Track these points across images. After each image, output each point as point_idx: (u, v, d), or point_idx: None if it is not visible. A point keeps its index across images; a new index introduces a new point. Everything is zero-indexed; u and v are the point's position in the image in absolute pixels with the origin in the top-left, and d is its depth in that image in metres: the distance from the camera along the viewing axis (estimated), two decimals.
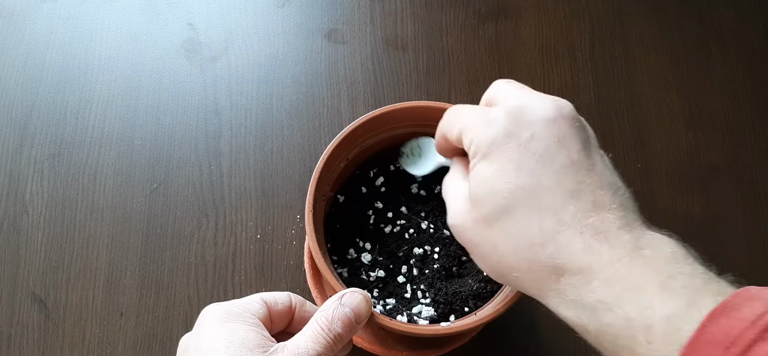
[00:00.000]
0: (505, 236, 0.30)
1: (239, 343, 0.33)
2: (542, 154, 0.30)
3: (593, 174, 0.30)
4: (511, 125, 0.31)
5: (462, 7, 0.69)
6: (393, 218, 0.50)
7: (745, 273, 0.59)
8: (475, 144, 0.32)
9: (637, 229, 0.29)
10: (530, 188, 0.30)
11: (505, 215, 0.30)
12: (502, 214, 0.30)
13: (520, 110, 0.31)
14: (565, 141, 0.30)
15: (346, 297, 0.37)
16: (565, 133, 0.31)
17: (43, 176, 0.59)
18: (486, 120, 0.32)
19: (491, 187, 0.31)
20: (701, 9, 0.69)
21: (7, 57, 0.65)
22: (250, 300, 0.37)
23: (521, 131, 0.31)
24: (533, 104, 0.32)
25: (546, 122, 0.31)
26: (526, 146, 0.30)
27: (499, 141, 0.31)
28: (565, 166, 0.30)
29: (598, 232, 0.28)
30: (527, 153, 0.30)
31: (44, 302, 0.55)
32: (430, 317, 0.45)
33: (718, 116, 0.64)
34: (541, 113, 0.31)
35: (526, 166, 0.30)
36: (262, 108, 0.63)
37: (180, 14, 0.67)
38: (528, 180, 0.30)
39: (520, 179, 0.30)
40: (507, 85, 0.34)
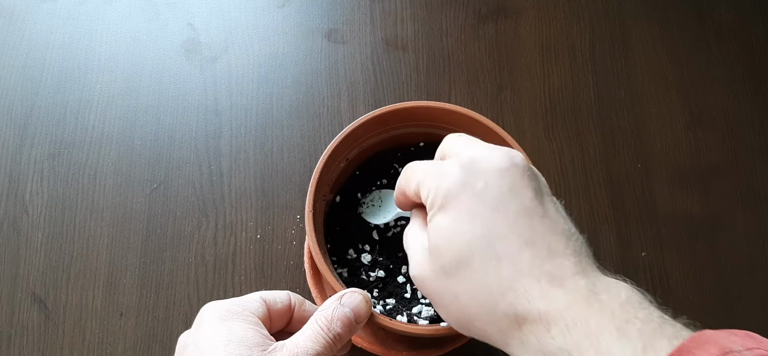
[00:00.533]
0: (464, 286, 0.31)
1: (238, 341, 0.33)
2: (496, 203, 0.31)
3: (546, 221, 0.31)
4: (464, 176, 0.32)
5: (462, 7, 0.69)
6: None
7: (745, 273, 0.60)
8: (432, 196, 0.32)
9: (592, 274, 0.30)
10: (486, 237, 0.30)
11: (463, 265, 0.31)
12: (461, 264, 0.31)
13: (473, 161, 0.32)
14: (517, 189, 0.31)
15: (346, 297, 0.37)
16: (517, 181, 0.31)
17: (43, 176, 0.59)
18: (441, 172, 0.33)
19: (448, 237, 0.31)
20: (701, 9, 0.69)
21: (7, 57, 0.65)
22: (250, 298, 0.37)
23: (475, 181, 0.31)
24: (486, 155, 0.33)
25: (498, 172, 0.31)
26: (480, 196, 0.31)
27: (454, 192, 0.31)
28: (519, 213, 0.30)
29: (555, 278, 0.29)
30: (481, 203, 0.31)
31: (44, 302, 0.55)
32: (430, 317, 0.45)
33: (718, 116, 0.64)
34: (493, 163, 0.32)
35: (481, 215, 0.31)
36: (262, 108, 0.63)
37: (180, 14, 0.67)
38: (483, 229, 0.30)
39: (475, 229, 0.30)
40: (459, 138, 0.36)
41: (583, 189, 0.60)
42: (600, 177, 0.61)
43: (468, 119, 0.49)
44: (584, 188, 0.60)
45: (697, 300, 0.57)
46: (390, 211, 0.47)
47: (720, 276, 0.58)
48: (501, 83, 0.65)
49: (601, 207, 0.60)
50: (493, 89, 0.64)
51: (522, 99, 0.64)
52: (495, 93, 0.64)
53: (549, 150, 0.62)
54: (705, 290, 0.57)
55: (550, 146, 0.62)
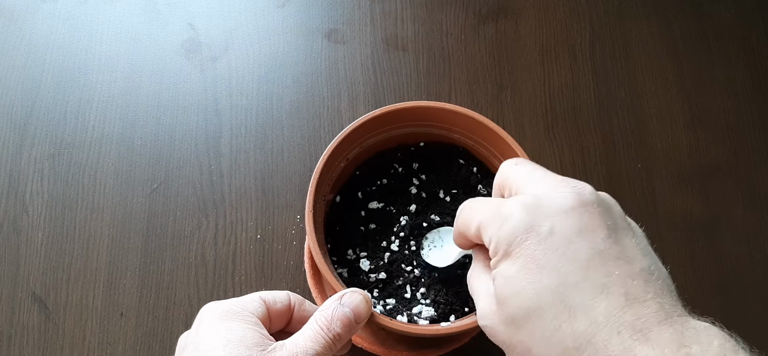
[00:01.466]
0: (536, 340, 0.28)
1: (237, 341, 0.33)
2: (565, 248, 0.28)
3: (622, 262, 0.28)
4: (528, 220, 0.29)
5: (462, 7, 0.69)
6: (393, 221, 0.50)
7: (745, 273, 0.60)
8: (495, 243, 0.30)
9: (678, 321, 0.27)
10: (556, 287, 0.28)
11: (533, 317, 0.28)
12: (531, 316, 0.28)
13: (536, 202, 0.30)
14: (587, 230, 0.28)
15: (346, 297, 0.37)
16: (586, 221, 0.29)
17: (43, 176, 0.59)
18: (502, 216, 0.30)
19: (515, 287, 0.29)
20: (701, 9, 0.69)
21: (7, 57, 0.65)
22: (249, 298, 0.37)
23: (540, 226, 0.29)
24: (550, 193, 0.30)
25: (565, 212, 0.29)
26: (546, 242, 0.28)
27: (518, 238, 0.29)
28: (591, 257, 0.28)
29: (637, 331, 0.26)
30: (549, 249, 0.28)
31: (44, 302, 0.55)
32: (430, 317, 0.45)
33: (718, 116, 0.64)
34: (559, 203, 0.29)
35: (549, 263, 0.28)
36: (262, 108, 0.63)
37: (180, 14, 0.67)
38: (552, 278, 0.28)
39: (544, 278, 0.28)
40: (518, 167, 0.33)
41: None
42: (600, 177, 0.61)
43: (468, 119, 0.49)
44: None
45: (697, 299, 0.57)
46: (452, 250, 0.44)
47: (720, 276, 0.58)
48: (501, 83, 0.65)
49: None
50: (493, 89, 0.64)
51: (522, 99, 0.64)
52: (495, 93, 0.64)
53: (549, 150, 0.62)
54: (705, 290, 0.57)
55: (551, 146, 0.62)
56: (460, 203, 0.50)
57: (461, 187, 0.51)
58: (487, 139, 0.49)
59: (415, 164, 0.52)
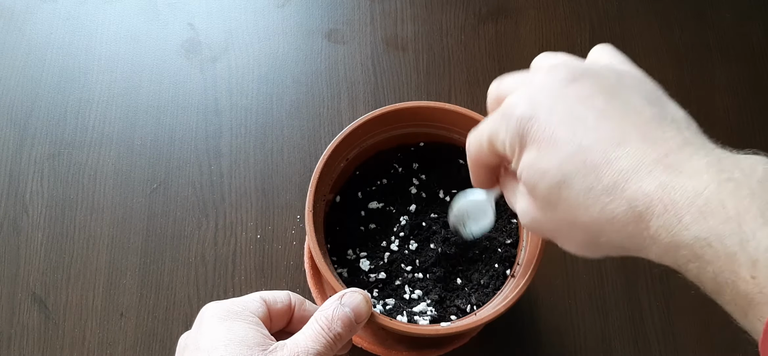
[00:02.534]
0: (575, 210, 0.29)
1: (238, 341, 0.33)
2: (570, 118, 0.29)
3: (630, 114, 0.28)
4: (530, 106, 0.30)
5: (462, 7, 0.69)
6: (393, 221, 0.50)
7: None
8: (508, 143, 0.31)
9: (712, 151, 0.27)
10: (574, 154, 0.28)
11: (564, 190, 0.29)
12: (561, 190, 0.29)
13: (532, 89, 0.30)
14: (586, 99, 0.29)
15: (347, 297, 0.37)
16: (584, 93, 0.29)
17: (43, 176, 0.59)
18: (504, 116, 0.31)
19: (539, 171, 0.29)
20: (701, 9, 0.69)
21: (7, 57, 0.65)
22: (250, 298, 0.37)
23: (540, 109, 0.29)
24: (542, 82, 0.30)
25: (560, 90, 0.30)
26: (550, 119, 0.29)
27: (524, 127, 0.30)
28: (597, 118, 0.28)
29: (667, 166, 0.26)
30: (556, 124, 0.29)
31: (44, 302, 0.55)
32: (430, 317, 0.45)
33: (718, 116, 0.64)
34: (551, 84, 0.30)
35: (561, 136, 0.28)
36: (262, 108, 0.63)
37: (180, 14, 0.67)
38: (568, 147, 0.28)
39: (560, 151, 0.28)
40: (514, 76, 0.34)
41: None
42: None
43: (468, 119, 0.49)
44: None
45: (697, 299, 0.57)
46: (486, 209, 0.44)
47: None
48: None
49: None
50: None
51: None
52: None
53: None
54: None
55: None
56: None
57: (461, 187, 0.51)
58: None
59: (415, 164, 0.52)
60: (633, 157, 0.27)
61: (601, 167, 0.27)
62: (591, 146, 0.28)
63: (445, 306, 0.46)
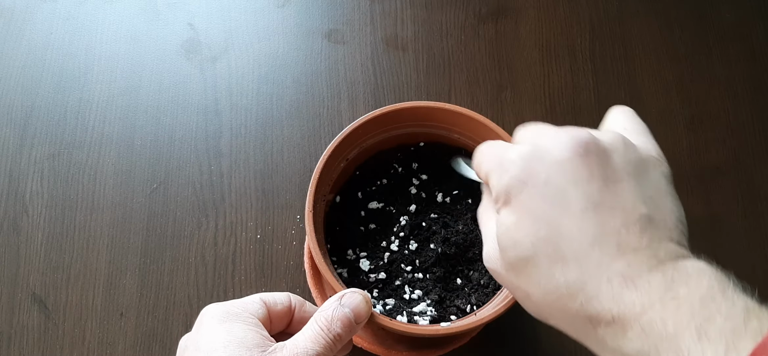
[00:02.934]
0: (533, 287, 0.30)
1: (238, 343, 0.33)
2: (560, 199, 0.29)
3: (617, 212, 0.28)
4: (524, 171, 0.30)
5: (462, 7, 0.69)
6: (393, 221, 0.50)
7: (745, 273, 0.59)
8: (496, 191, 0.31)
9: (670, 266, 0.27)
10: (550, 239, 0.28)
11: (530, 267, 0.29)
12: (527, 265, 0.29)
13: (534, 151, 0.30)
14: (582, 181, 0.29)
15: (346, 298, 0.37)
16: (581, 172, 0.29)
17: (43, 176, 0.59)
18: (502, 167, 0.31)
19: (513, 237, 0.30)
20: (701, 9, 0.69)
21: (7, 57, 0.65)
22: (250, 300, 0.37)
23: (535, 177, 0.29)
24: (546, 144, 0.30)
25: (560, 164, 0.29)
26: (541, 192, 0.29)
27: (515, 188, 0.30)
28: (585, 209, 0.28)
29: (627, 278, 0.27)
30: (544, 199, 0.29)
31: (44, 302, 0.55)
32: (430, 317, 0.45)
33: (718, 116, 0.64)
34: (554, 154, 0.29)
35: (544, 215, 0.29)
36: (262, 108, 0.63)
37: (180, 14, 0.67)
38: (547, 229, 0.29)
39: (539, 229, 0.29)
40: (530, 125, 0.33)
41: None
42: None
43: (468, 119, 0.49)
44: None
45: None
46: None
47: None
48: (501, 83, 0.65)
49: None
50: (493, 89, 0.64)
51: (522, 99, 0.64)
52: (495, 93, 0.64)
53: None
54: None
55: None
56: (459, 203, 0.50)
57: (461, 187, 0.51)
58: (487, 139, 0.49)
59: (415, 164, 0.52)
60: (600, 263, 0.27)
61: (569, 263, 0.28)
62: (567, 237, 0.28)
63: (445, 306, 0.46)
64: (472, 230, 0.49)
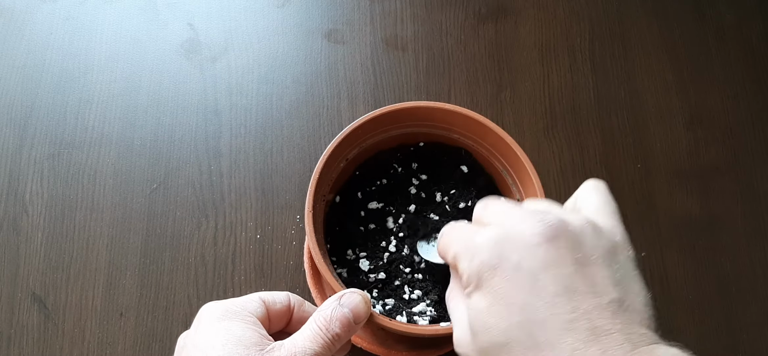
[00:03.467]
0: None
1: (236, 341, 0.33)
2: (532, 284, 0.28)
3: (589, 296, 0.28)
4: (495, 256, 0.29)
5: (462, 7, 0.69)
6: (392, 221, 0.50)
7: (745, 272, 0.59)
8: (466, 275, 0.31)
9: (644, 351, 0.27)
10: (523, 324, 0.28)
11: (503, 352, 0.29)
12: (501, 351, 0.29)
13: (504, 235, 0.30)
14: (554, 265, 0.28)
15: (345, 298, 0.37)
16: (552, 255, 0.29)
17: (43, 176, 0.59)
18: (471, 251, 0.31)
19: (485, 322, 0.30)
20: (701, 9, 0.69)
21: (7, 57, 0.65)
22: (249, 298, 0.37)
23: (506, 261, 0.29)
24: (516, 228, 0.30)
25: (532, 247, 0.29)
26: (513, 277, 0.29)
27: (486, 273, 0.30)
28: (557, 293, 0.28)
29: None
30: (516, 285, 0.29)
31: (44, 302, 0.55)
32: (430, 317, 0.45)
33: (718, 116, 0.64)
34: (526, 237, 0.29)
35: (517, 300, 0.28)
36: (262, 108, 0.63)
37: (180, 14, 0.67)
38: (520, 315, 0.28)
39: (512, 315, 0.28)
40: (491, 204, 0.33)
41: None
42: (600, 177, 0.61)
43: (468, 119, 0.49)
44: None
45: (697, 299, 0.57)
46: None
47: (720, 276, 0.58)
48: (501, 83, 0.65)
49: None
50: (493, 89, 0.64)
51: (522, 99, 0.64)
52: (495, 93, 0.64)
53: (549, 150, 0.62)
54: (705, 290, 0.57)
55: (550, 146, 0.62)
56: (459, 203, 0.50)
57: (460, 187, 0.51)
58: (486, 139, 0.49)
59: (415, 164, 0.52)
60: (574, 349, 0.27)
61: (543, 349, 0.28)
62: (542, 322, 0.28)
63: (445, 306, 0.46)
64: None
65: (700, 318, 0.56)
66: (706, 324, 0.56)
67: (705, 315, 0.56)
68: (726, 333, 0.56)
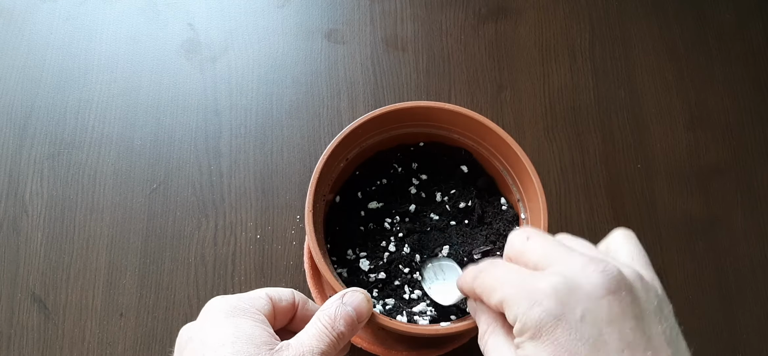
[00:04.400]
0: None
1: (246, 339, 0.33)
2: (595, 339, 0.28)
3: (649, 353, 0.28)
4: (558, 307, 0.29)
5: (462, 7, 0.69)
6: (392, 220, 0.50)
7: (745, 273, 0.59)
8: (521, 323, 0.30)
9: None
10: None
11: None
12: None
13: (567, 286, 0.29)
14: (617, 320, 0.28)
15: (348, 296, 0.37)
16: (616, 310, 0.28)
17: (43, 176, 0.59)
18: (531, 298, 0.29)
19: None
20: (701, 9, 0.69)
21: (7, 57, 0.65)
22: (256, 295, 0.36)
23: (570, 313, 0.29)
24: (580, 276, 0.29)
25: (596, 300, 0.29)
26: (577, 331, 0.28)
27: (548, 324, 0.29)
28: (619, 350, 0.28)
29: None
30: (579, 339, 0.28)
31: (44, 302, 0.55)
32: (430, 317, 0.45)
33: (718, 116, 0.64)
34: (590, 289, 0.29)
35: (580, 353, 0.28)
36: (262, 108, 0.63)
37: (180, 14, 0.67)
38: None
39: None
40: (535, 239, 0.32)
41: (583, 189, 0.60)
42: (600, 177, 0.61)
43: (468, 119, 0.49)
44: (584, 188, 0.60)
45: (697, 300, 0.57)
46: (456, 290, 0.43)
47: (720, 276, 0.58)
48: (501, 83, 0.65)
49: (601, 207, 0.60)
50: (493, 89, 0.64)
51: (522, 99, 0.64)
52: (495, 93, 0.64)
53: (549, 150, 0.62)
54: (705, 290, 0.57)
55: (550, 146, 0.62)
56: (459, 203, 0.50)
57: (460, 187, 0.51)
58: (486, 139, 0.49)
59: (415, 164, 0.52)
60: None
61: None
62: None
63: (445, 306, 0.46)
64: (472, 232, 0.49)
65: (700, 318, 0.56)
66: (706, 324, 0.56)
67: (705, 315, 0.56)
68: (726, 333, 0.56)
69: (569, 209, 0.59)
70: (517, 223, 0.49)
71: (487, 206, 0.51)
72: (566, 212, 0.59)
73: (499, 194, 0.51)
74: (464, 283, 0.35)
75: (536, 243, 0.32)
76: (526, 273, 0.31)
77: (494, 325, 0.34)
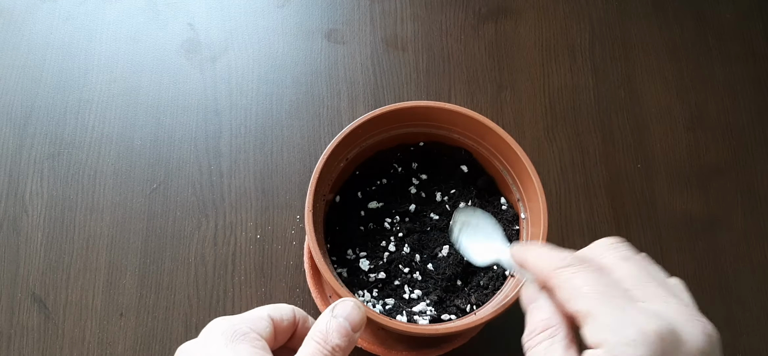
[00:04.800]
0: None
1: None
2: None
3: None
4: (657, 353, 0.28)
5: (462, 7, 0.69)
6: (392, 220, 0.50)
7: (745, 273, 0.59)
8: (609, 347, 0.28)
9: None
10: None
11: None
12: None
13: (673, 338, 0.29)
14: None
15: (337, 308, 0.36)
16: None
17: (43, 176, 0.59)
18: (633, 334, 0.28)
19: None
20: (701, 9, 0.69)
21: (7, 57, 0.65)
22: (257, 317, 0.36)
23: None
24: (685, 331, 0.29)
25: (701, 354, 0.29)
26: None
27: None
28: None
29: None
30: None
31: (44, 302, 0.55)
32: (429, 316, 0.45)
33: (718, 116, 0.64)
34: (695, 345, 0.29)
35: None
36: (262, 108, 0.63)
37: (180, 14, 0.67)
38: None
39: None
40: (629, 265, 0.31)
41: (583, 189, 0.60)
42: (600, 177, 0.61)
43: (468, 119, 0.49)
44: (584, 188, 0.60)
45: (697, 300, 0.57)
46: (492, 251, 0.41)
47: (720, 276, 0.58)
48: (501, 83, 0.65)
49: (601, 207, 0.60)
50: (493, 89, 0.64)
51: (522, 99, 0.64)
52: (495, 93, 0.64)
53: (549, 150, 0.62)
54: (705, 290, 0.57)
55: (550, 146, 0.62)
56: (459, 203, 0.50)
57: (460, 187, 0.51)
58: (486, 139, 0.49)
59: (415, 164, 0.52)
60: None
61: None
62: None
63: (445, 306, 0.46)
64: None
65: None
66: None
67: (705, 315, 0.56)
68: (726, 333, 0.56)
69: (569, 209, 0.59)
70: (517, 223, 0.49)
71: (487, 206, 0.51)
72: (566, 212, 0.59)
73: (499, 194, 0.51)
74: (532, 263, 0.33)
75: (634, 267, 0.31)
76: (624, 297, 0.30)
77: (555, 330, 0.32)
